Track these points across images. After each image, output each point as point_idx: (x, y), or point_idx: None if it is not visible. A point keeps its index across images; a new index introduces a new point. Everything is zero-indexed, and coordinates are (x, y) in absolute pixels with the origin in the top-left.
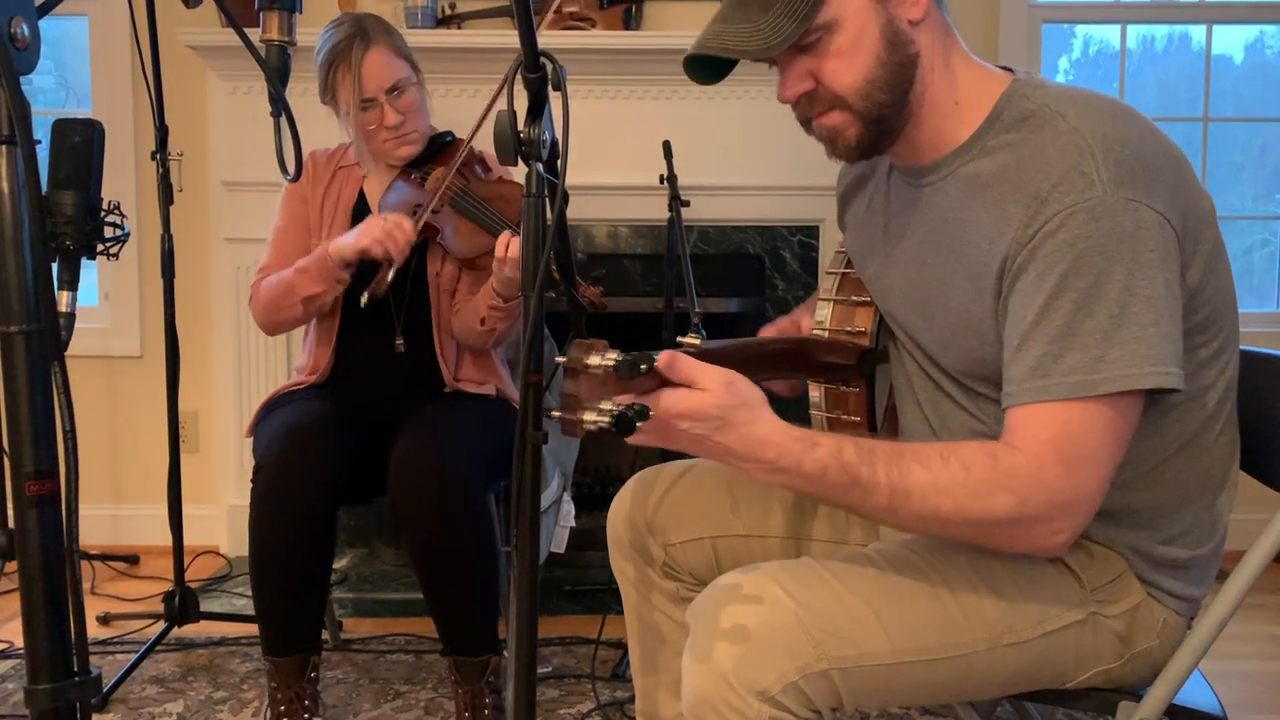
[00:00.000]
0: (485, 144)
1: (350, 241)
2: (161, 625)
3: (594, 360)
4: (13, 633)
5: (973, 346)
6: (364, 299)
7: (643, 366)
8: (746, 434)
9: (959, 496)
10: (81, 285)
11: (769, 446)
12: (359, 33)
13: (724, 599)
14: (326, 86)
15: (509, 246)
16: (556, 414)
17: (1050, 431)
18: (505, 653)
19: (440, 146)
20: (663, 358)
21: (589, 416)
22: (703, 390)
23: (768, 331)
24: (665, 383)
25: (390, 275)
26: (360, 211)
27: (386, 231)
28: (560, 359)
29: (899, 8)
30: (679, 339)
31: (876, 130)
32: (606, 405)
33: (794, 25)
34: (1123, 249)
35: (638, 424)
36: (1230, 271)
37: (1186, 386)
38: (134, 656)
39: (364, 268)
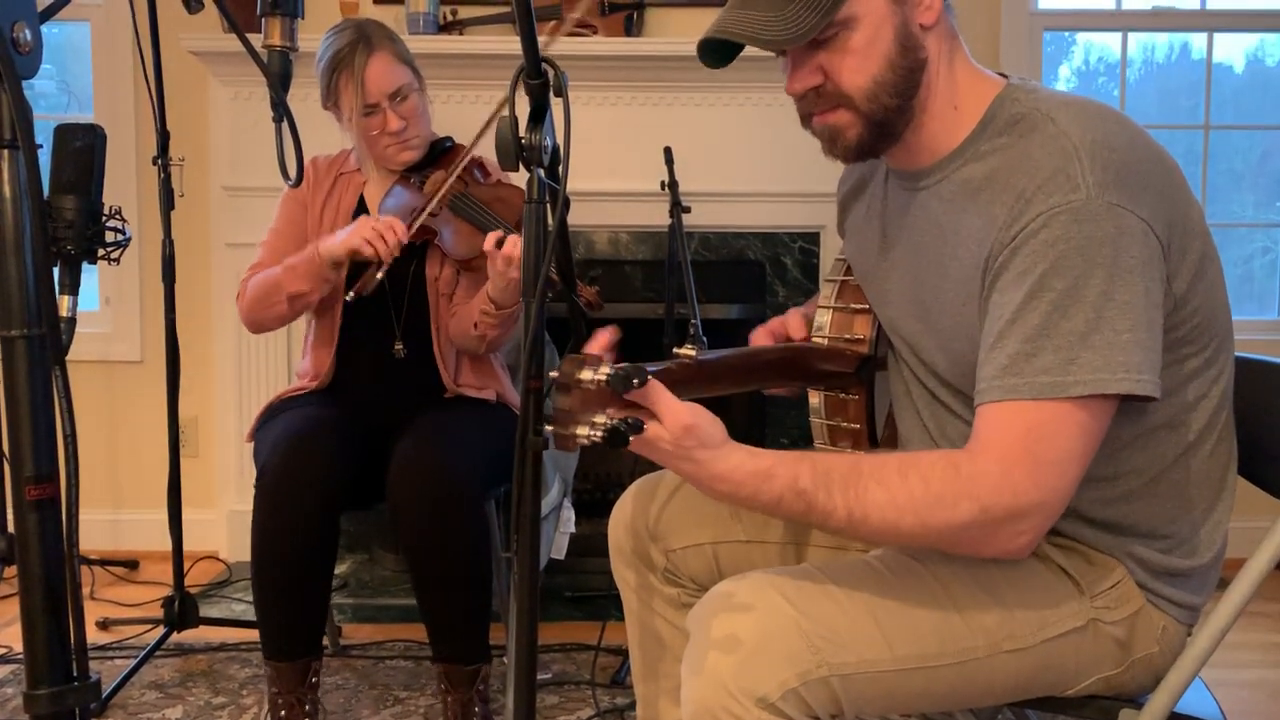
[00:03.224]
0: (484, 150)
1: (340, 241)
2: (161, 630)
3: (586, 375)
4: (12, 637)
5: (965, 351)
6: (349, 296)
7: (635, 381)
8: (705, 470)
9: (919, 511)
10: (82, 290)
11: (724, 482)
12: (362, 39)
13: (723, 606)
14: (329, 92)
15: (500, 242)
16: (549, 429)
17: (1019, 430)
18: (504, 659)
19: (440, 152)
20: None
21: (582, 431)
22: (661, 426)
23: (759, 334)
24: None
25: (379, 275)
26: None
27: (378, 231)
28: (553, 374)
29: (914, 11)
30: (675, 350)
31: (878, 132)
32: (599, 419)
33: (816, 18)
34: (1104, 253)
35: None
36: (1224, 282)
37: (1175, 397)
38: (133, 662)
39: (357, 269)
